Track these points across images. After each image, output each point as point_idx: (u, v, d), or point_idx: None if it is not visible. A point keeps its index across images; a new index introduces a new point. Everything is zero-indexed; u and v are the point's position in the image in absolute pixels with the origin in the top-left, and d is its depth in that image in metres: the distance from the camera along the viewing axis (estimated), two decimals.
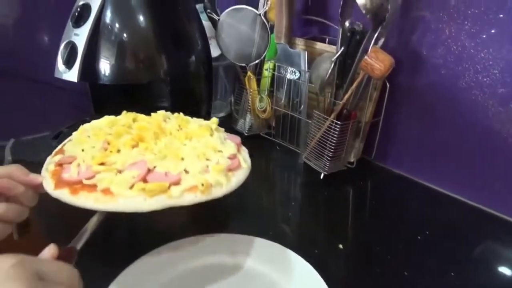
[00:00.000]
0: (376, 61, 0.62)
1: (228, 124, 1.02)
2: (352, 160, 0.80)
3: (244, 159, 0.54)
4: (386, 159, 0.84)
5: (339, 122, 0.71)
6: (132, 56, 0.75)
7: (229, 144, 0.54)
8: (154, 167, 0.46)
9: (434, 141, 0.75)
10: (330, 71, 0.70)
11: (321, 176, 0.77)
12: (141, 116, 0.58)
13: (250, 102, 0.92)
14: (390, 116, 0.79)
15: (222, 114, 1.14)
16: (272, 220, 0.67)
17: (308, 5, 0.91)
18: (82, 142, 0.50)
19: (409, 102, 0.77)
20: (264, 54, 0.86)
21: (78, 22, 0.72)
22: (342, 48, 0.70)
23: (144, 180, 0.44)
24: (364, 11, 0.64)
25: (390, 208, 0.72)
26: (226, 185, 0.47)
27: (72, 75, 0.72)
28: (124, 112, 0.60)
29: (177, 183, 0.44)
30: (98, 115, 0.90)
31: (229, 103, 1.15)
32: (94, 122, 0.57)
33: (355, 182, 0.79)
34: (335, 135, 0.73)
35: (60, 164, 0.47)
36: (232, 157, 0.52)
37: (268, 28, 0.83)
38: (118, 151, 0.48)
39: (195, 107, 0.88)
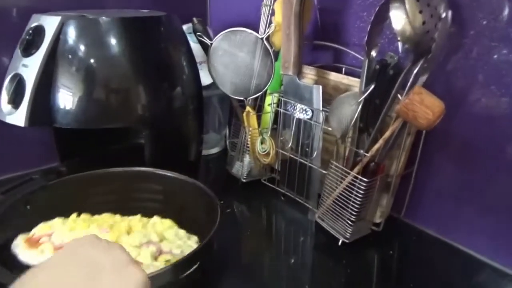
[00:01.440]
0: (421, 106, 0.47)
1: (221, 166, 0.86)
2: (378, 221, 0.64)
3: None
4: (418, 217, 0.67)
5: (365, 180, 0.55)
6: (100, 91, 0.59)
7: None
8: None
9: (477, 197, 0.59)
10: (357, 114, 0.54)
11: (340, 242, 0.61)
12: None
13: (249, 142, 0.76)
14: (424, 166, 0.63)
15: (215, 150, 0.97)
16: None
17: (317, 27, 0.75)
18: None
19: (447, 149, 0.62)
20: (266, 87, 0.70)
21: (28, 49, 0.56)
22: (372, 86, 0.54)
23: None
24: (401, 40, 0.48)
25: (425, 279, 0.56)
26: None
27: (18, 117, 0.55)
28: (74, 216, 0.53)
29: None
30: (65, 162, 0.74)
31: (224, 136, 0.99)
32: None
33: (380, 247, 0.63)
34: (360, 194, 0.56)
35: None
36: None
37: (272, 54, 0.68)
38: None
39: (182, 150, 0.72)
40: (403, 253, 0.64)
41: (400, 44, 0.53)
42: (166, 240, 0.52)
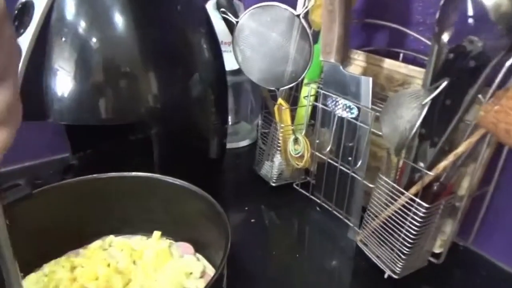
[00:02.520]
0: None
1: (250, 162, 0.75)
2: (438, 251, 0.51)
3: (209, 268, 0.47)
4: (490, 246, 0.53)
5: (425, 205, 0.42)
6: (101, 80, 0.49)
7: (191, 261, 0.48)
8: None
9: None
10: (419, 121, 0.40)
11: (385, 275, 0.49)
12: (78, 260, 0.47)
13: (280, 141, 0.64)
14: (504, 185, 0.49)
15: (245, 143, 0.86)
16: None
17: (368, 3, 0.61)
18: None
19: None
20: (302, 76, 0.57)
21: (16, 30, 0.47)
22: (445, 83, 0.40)
23: None
24: (494, 17, 0.34)
25: None
26: None
27: None
28: (52, 263, 0.47)
29: None
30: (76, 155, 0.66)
31: (256, 126, 0.88)
32: None
33: (440, 283, 0.50)
34: (417, 222, 0.43)
35: None
36: (202, 274, 0.46)
37: (310, 36, 0.54)
38: None
39: (200, 147, 0.61)
40: None
41: (489, 25, 0.38)
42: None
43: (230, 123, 0.87)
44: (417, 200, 0.43)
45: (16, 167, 0.71)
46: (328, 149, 0.57)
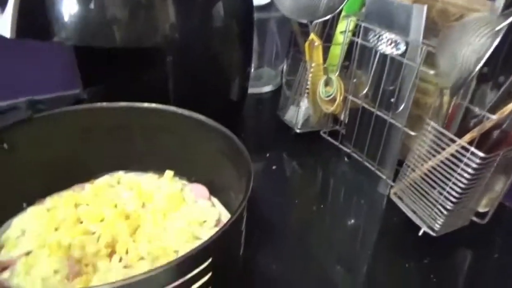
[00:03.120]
0: None
1: (273, 109, 0.69)
2: (483, 211, 0.45)
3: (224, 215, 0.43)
4: None
5: (481, 154, 0.36)
6: None
7: (205, 207, 0.43)
8: None
9: None
10: (491, 50, 0.33)
11: (420, 232, 0.44)
12: (83, 197, 0.43)
13: (309, 82, 0.57)
14: None
15: (268, 89, 0.80)
16: None
17: None
18: (34, 270, 0.34)
19: None
20: (341, 6, 0.50)
21: None
22: None
23: None
24: None
25: None
26: None
27: (3, 25, 0.41)
28: (55, 197, 0.43)
29: None
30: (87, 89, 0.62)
31: (281, 72, 0.81)
32: (24, 225, 0.40)
33: (482, 246, 0.45)
34: (468, 175, 0.37)
35: None
36: (217, 223, 0.42)
37: None
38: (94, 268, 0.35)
39: (220, 87, 0.56)
40: None
41: None
42: None
43: (252, 67, 0.80)
44: (472, 148, 0.37)
45: (23, 100, 0.67)
46: (364, 92, 0.51)
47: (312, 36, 0.54)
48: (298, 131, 0.62)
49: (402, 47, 0.45)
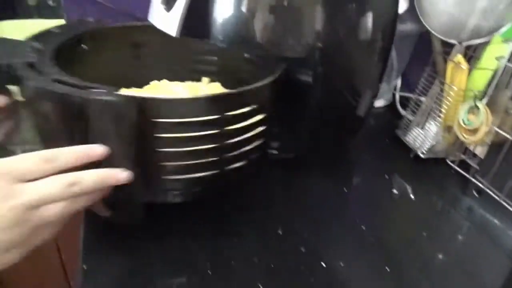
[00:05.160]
0: None
1: (385, 126, 0.66)
2: None
3: None
4: None
5: None
6: (265, 9, 0.43)
7: None
8: None
9: None
10: None
11: None
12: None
13: (445, 106, 0.54)
14: None
15: (379, 103, 0.78)
16: None
17: None
18: None
19: None
20: (499, 30, 0.46)
21: None
22: None
23: None
24: None
25: None
26: None
27: (170, 23, 0.43)
28: None
29: None
30: None
31: (393, 88, 0.78)
32: None
33: None
34: None
35: None
36: None
37: None
38: None
39: (350, 104, 0.54)
40: None
41: None
42: None
43: None
44: None
45: None
46: None
47: (459, 58, 0.50)
48: (422, 155, 0.58)
49: None
